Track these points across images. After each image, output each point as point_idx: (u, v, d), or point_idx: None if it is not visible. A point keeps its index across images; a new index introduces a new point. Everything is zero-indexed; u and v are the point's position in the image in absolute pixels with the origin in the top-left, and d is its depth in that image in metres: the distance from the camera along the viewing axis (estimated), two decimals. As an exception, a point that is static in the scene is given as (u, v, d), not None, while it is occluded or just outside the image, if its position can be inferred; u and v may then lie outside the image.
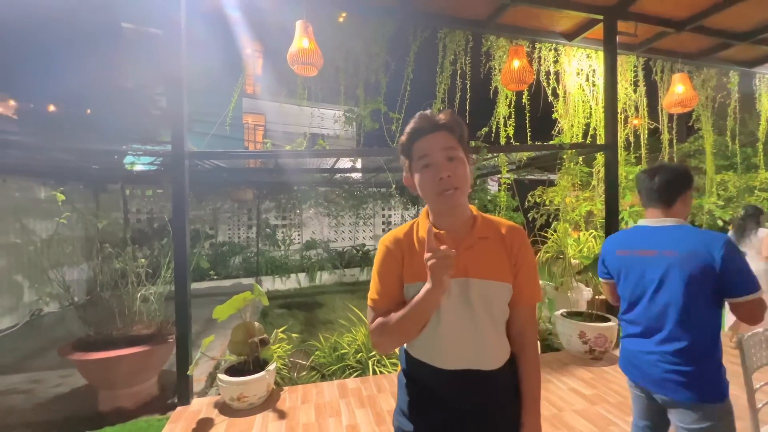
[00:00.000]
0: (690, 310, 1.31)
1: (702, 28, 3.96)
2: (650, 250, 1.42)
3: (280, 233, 8.27)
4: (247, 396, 2.64)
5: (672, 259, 1.34)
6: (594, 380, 3.09)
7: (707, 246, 1.28)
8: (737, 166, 6.72)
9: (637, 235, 1.49)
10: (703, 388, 1.28)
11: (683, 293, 1.31)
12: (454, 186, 0.89)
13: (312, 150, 3.08)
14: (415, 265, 0.94)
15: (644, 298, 1.42)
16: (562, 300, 4.11)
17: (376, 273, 1.00)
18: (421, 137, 0.93)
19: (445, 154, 0.90)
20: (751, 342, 1.63)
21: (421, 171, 0.92)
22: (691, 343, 1.30)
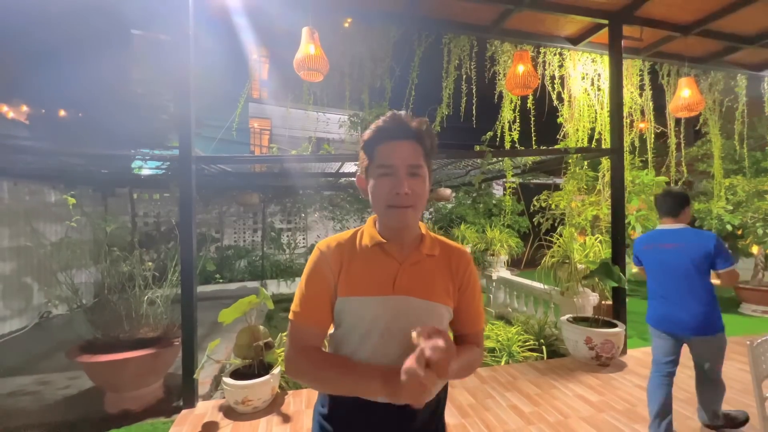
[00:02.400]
0: (695, 279, 2.14)
1: (709, 32, 3.94)
2: (667, 243, 2.25)
3: (285, 237, 8.30)
4: (251, 399, 2.65)
5: (682, 249, 2.18)
6: (601, 387, 3.05)
7: (705, 240, 2.14)
8: (746, 170, 6.64)
9: (657, 235, 2.34)
10: (708, 325, 2.12)
11: (691, 268, 2.14)
12: (409, 204, 0.83)
13: (317, 155, 3.10)
14: (353, 276, 0.86)
15: (665, 274, 2.24)
16: (568, 305, 4.07)
17: (305, 282, 0.88)
18: (387, 141, 0.84)
19: (409, 168, 0.83)
20: (760, 349, 1.61)
21: (379, 178, 0.84)
22: (698, 300, 2.13)
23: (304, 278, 0.89)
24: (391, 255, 0.87)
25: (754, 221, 5.59)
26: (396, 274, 0.86)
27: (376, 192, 0.84)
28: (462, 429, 2.48)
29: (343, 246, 0.89)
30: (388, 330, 0.83)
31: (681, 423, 2.52)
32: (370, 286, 0.85)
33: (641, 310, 6.06)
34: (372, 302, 0.84)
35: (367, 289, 0.84)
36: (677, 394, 2.89)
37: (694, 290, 2.13)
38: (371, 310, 0.84)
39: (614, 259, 3.72)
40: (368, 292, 0.84)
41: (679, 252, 2.17)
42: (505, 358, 3.68)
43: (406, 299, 0.85)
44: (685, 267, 2.15)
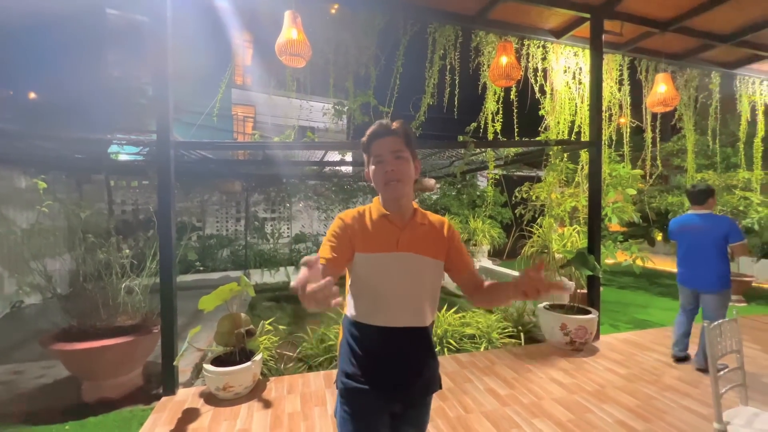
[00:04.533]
0: (711, 251, 2.99)
1: (685, 29, 4.05)
2: (693, 225, 3.12)
3: (269, 226, 8.23)
4: (232, 386, 2.66)
5: (704, 228, 3.04)
6: (573, 370, 3.18)
7: (721, 222, 3.01)
8: (717, 165, 6.92)
9: (687, 218, 3.21)
10: (717, 284, 2.99)
11: (709, 243, 3.00)
12: (396, 178, 1.13)
13: (300, 142, 3.07)
14: (367, 237, 1.14)
15: (690, 247, 3.13)
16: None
17: (333, 236, 1.13)
18: (376, 139, 1.15)
19: (394, 154, 1.13)
20: (716, 331, 1.71)
21: (375, 165, 1.15)
22: (712, 266, 2.99)
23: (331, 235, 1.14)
24: (394, 223, 1.16)
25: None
26: (399, 236, 1.15)
27: (375, 176, 1.15)
28: (441, 411, 2.55)
29: (358, 215, 1.18)
30: (398, 276, 1.13)
31: (644, 402, 2.66)
32: (381, 245, 1.13)
33: (614, 299, 6.32)
34: (381, 257, 1.13)
35: (378, 247, 1.12)
36: (644, 376, 3.04)
37: (709, 259, 3.00)
38: (381, 263, 1.12)
39: (590, 249, 3.85)
40: (377, 250, 1.12)
41: (702, 231, 3.04)
42: (485, 344, 3.79)
43: (407, 254, 1.15)
44: (704, 242, 3.02)
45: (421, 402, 1.21)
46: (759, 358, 3.40)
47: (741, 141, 5.44)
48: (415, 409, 1.19)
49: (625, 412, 2.53)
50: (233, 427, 2.38)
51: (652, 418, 2.45)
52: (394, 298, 1.13)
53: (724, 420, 1.64)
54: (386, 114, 3.79)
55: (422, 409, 1.22)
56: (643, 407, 2.59)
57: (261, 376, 3.13)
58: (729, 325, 1.78)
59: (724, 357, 1.74)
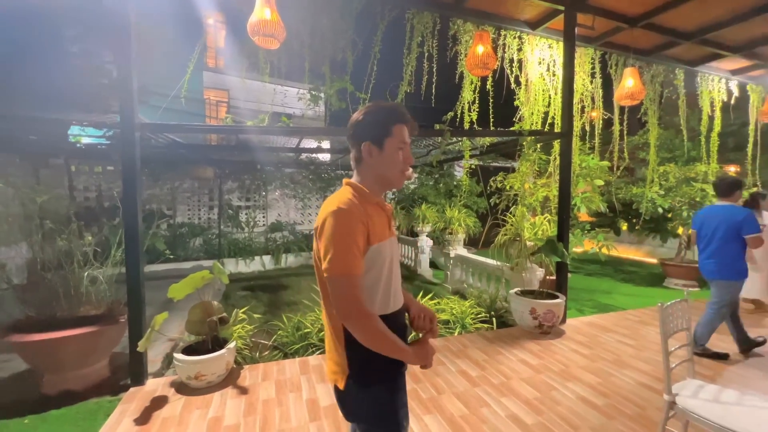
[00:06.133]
0: (726, 241, 3.03)
1: (653, 26, 4.20)
2: (714, 216, 3.13)
3: (244, 215, 8.04)
4: (204, 374, 2.62)
5: (722, 220, 3.06)
6: (541, 352, 3.33)
7: (738, 214, 3.00)
8: (677, 159, 7.31)
9: (710, 210, 3.24)
10: (724, 273, 3.05)
11: (725, 234, 3.03)
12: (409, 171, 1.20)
13: (273, 127, 2.99)
14: (375, 226, 1.09)
15: (708, 237, 3.14)
16: (518, 280, 4.35)
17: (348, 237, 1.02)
18: (401, 123, 1.13)
19: (410, 145, 1.18)
20: (669, 311, 1.83)
21: (397, 151, 1.13)
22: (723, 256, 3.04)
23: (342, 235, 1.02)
24: (383, 208, 1.17)
25: (681, 205, 6.22)
26: (389, 222, 1.18)
27: (393, 160, 1.13)
28: (414, 393, 2.62)
29: (359, 203, 1.08)
30: (396, 260, 1.18)
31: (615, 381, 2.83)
32: (384, 233, 1.13)
33: (581, 285, 6.61)
34: (386, 244, 1.13)
35: (383, 235, 1.12)
36: (605, 356, 3.21)
37: (722, 249, 3.05)
38: (388, 249, 1.13)
39: (559, 237, 4.00)
40: (383, 238, 1.12)
41: (720, 222, 3.07)
42: (459, 329, 3.89)
43: (395, 239, 1.22)
44: (721, 233, 3.05)
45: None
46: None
47: (702, 135, 5.75)
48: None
49: (586, 389, 2.68)
50: (205, 415, 2.35)
51: (611, 394, 2.62)
52: (396, 281, 1.17)
53: (673, 392, 1.78)
54: (363, 100, 3.74)
55: None
56: (603, 384, 2.76)
57: (235, 365, 3.10)
58: (680, 305, 1.91)
59: (675, 334, 1.87)
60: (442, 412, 2.40)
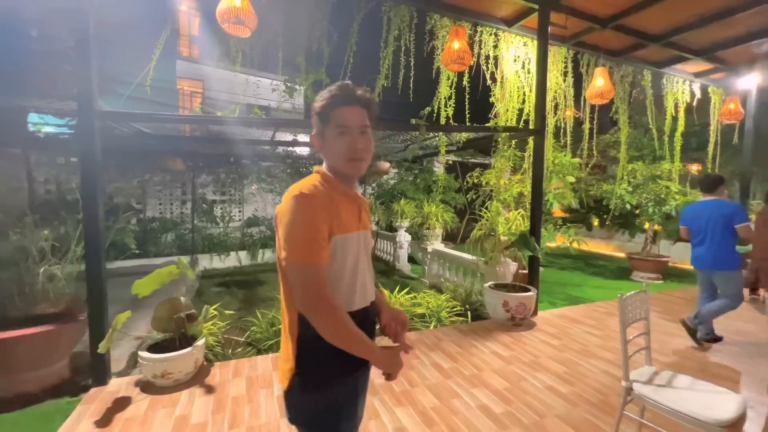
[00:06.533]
0: (719, 234, 3.17)
1: (622, 27, 4.34)
2: (704, 210, 3.28)
3: (219, 209, 7.83)
4: (172, 372, 2.54)
5: (712, 214, 3.21)
6: (512, 343, 3.42)
7: (727, 207, 3.16)
8: (647, 157, 7.61)
9: (698, 205, 3.39)
10: (723, 264, 3.19)
11: (717, 227, 3.17)
12: (362, 157, 1.05)
13: (243, 118, 2.91)
14: (341, 216, 1.01)
15: (701, 231, 3.29)
16: (492, 274, 4.44)
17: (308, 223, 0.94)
18: (341, 106, 1.02)
19: (360, 128, 1.04)
20: (627, 302, 1.91)
21: (337, 137, 1.02)
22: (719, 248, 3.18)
23: (304, 221, 0.95)
24: (352, 198, 1.09)
25: (647, 202, 6.49)
26: (359, 213, 1.10)
27: (336, 148, 1.03)
28: (387, 386, 2.63)
29: (324, 191, 1.01)
30: (365, 254, 1.09)
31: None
32: (351, 224, 1.04)
33: (554, 279, 6.80)
34: (353, 237, 1.04)
35: (350, 226, 1.03)
36: (572, 346, 3.33)
37: (716, 242, 3.19)
38: (354, 242, 1.04)
39: (532, 232, 4.10)
40: (350, 229, 1.04)
41: (710, 216, 3.22)
42: (434, 323, 3.94)
43: (366, 232, 1.11)
44: (712, 226, 3.20)
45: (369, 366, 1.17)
46: (668, 327, 3.87)
47: (666, 135, 6.00)
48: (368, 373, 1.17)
49: (554, 378, 2.77)
50: (172, 413, 2.29)
51: (576, 382, 2.71)
52: (363, 277, 1.09)
53: (630, 379, 1.86)
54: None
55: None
56: (569, 373, 2.86)
57: (206, 362, 3.03)
58: (638, 296, 1.99)
59: (633, 323, 1.95)
60: (415, 404, 2.42)
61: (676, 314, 4.30)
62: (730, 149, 6.75)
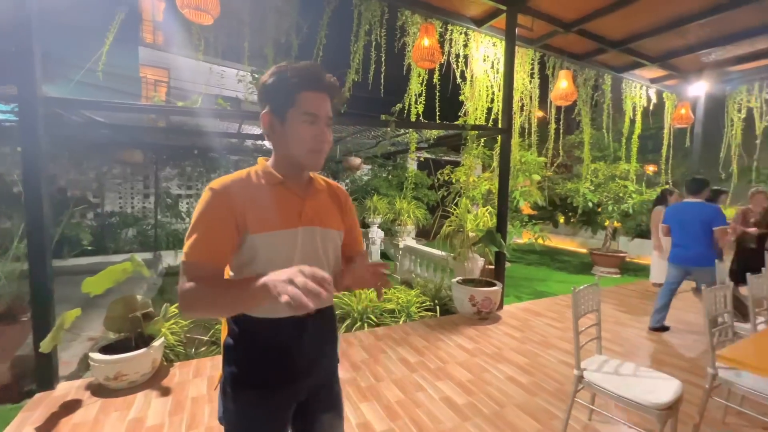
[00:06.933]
0: (700, 234, 3.36)
1: (584, 32, 4.51)
2: (687, 211, 3.48)
3: (185, 204, 7.53)
4: (126, 374, 2.43)
5: (694, 215, 3.41)
6: (478, 336, 3.51)
7: (708, 210, 3.36)
8: (607, 157, 8.00)
9: (682, 206, 3.57)
10: (704, 261, 3.33)
11: (698, 227, 3.37)
12: (325, 150, 0.96)
13: (207, 109, 2.79)
14: (262, 212, 0.91)
15: (683, 230, 3.49)
16: (460, 269, 4.54)
17: (198, 221, 0.86)
18: (310, 90, 0.91)
19: (328, 119, 0.95)
20: (580, 294, 2.00)
21: (302, 124, 0.91)
22: (700, 246, 3.36)
23: (197, 219, 0.87)
24: (293, 191, 0.97)
25: (607, 200, 6.84)
26: (301, 208, 0.96)
27: (299, 136, 0.91)
28: (353, 382, 2.64)
29: (243, 185, 0.92)
30: (302, 257, 0.93)
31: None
32: (281, 221, 0.92)
33: (521, 274, 7.02)
34: (285, 235, 0.92)
35: (278, 223, 0.92)
36: (534, 338, 3.46)
37: (698, 240, 3.39)
38: (286, 242, 0.92)
39: (498, 228, 4.21)
40: (280, 227, 0.92)
41: (693, 217, 3.43)
42: (404, 317, 3.98)
43: (312, 229, 0.97)
44: (694, 226, 3.40)
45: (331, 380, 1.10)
46: (621, 318, 4.10)
47: (624, 137, 6.33)
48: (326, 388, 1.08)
49: (515, 369, 2.87)
50: (125, 417, 2.18)
51: (535, 372, 2.83)
52: None
53: (582, 367, 1.95)
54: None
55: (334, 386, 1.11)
56: (530, 364, 2.97)
57: (166, 362, 2.91)
58: (590, 289, 2.09)
59: (585, 315, 2.05)
60: (379, 399, 2.44)
61: (630, 306, 4.57)
62: (681, 152, 7.22)
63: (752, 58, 5.19)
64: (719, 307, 2.13)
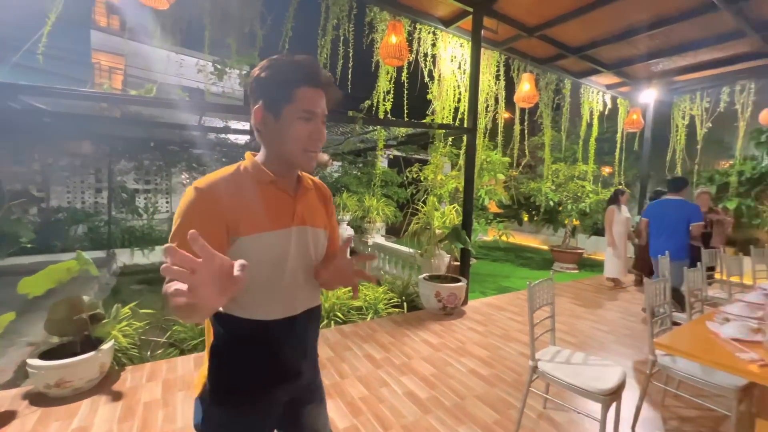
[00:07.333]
0: (677, 229, 3.61)
1: (546, 37, 4.70)
2: (667, 208, 3.73)
3: (143, 199, 7.12)
4: (70, 381, 2.26)
5: (673, 211, 3.65)
6: (443, 331, 3.58)
7: (687, 207, 3.62)
8: (568, 158, 8.41)
9: (663, 202, 3.81)
10: (676, 255, 3.51)
11: (676, 223, 3.61)
12: (319, 150, 0.93)
13: (162, 99, 2.64)
14: (253, 213, 0.87)
15: (661, 225, 3.73)
16: (427, 266, 4.61)
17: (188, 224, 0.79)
18: (309, 86, 0.87)
19: (324, 116, 0.92)
20: (535, 289, 2.09)
21: (298, 121, 0.87)
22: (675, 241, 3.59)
23: (181, 219, 0.82)
24: (284, 190, 0.94)
25: (567, 199, 7.19)
26: (293, 208, 0.94)
27: (293, 134, 0.88)
28: (317, 380, 2.61)
29: (231, 184, 0.87)
30: (294, 258, 0.93)
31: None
32: (274, 221, 0.90)
33: (487, 270, 7.24)
34: (278, 235, 0.90)
35: (270, 224, 0.89)
36: (496, 331, 3.58)
37: (674, 235, 3.62)
38: (279, 242, 0.90)
39: (463, 225, 4.31)
40: (272, 227, 0.89)
41: (671, 213, 3.66)
42: (371, 314, 3.98)
43: (304, 229, 0.96)
44: (673, 222, 3.63)
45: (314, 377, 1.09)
46: (577, 311, 4.33)
47: (581, 139, 6.67)
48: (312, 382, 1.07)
49: (477, 362, 2.96)
50: (67, 426, 2.04)
51: (496, 364, 2.93)
52: (292, 283, 0.93)
53: (536, 358, 2.04)
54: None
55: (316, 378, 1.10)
56: (491, 356, 3.07)
57: (117, 366, 2.75)
58: (545, 284, 2.19)
59: (541, 308, 2.14)
60: (343, 396, 2.43)
61: (585, 300, 4.83)
62: (633, 154, 7.71)
63: (695, 69, 5.62)
64: (659, 298, 2.30)
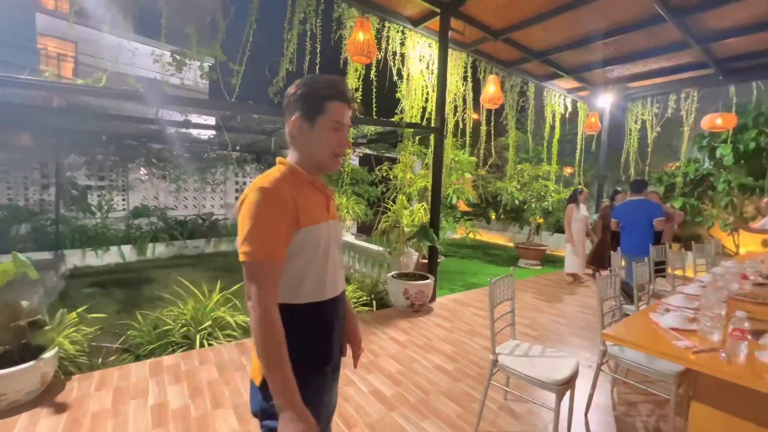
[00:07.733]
0: (642, 227, 3.96)
1: (511, 41, 4.85)
2: (632, 207, 4.09)
3: (96, 196, 6.67)
4: (5, 393, 2.08)
5: (638, 211, 4.02)
6: (410, 329, 3.62)
7: (651, 206, 4.03)
8: (533, 159, 8.74)
9: (629, 203, 4.17)
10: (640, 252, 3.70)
11: (641, 222, 3.97)
12: (343, 154, 1.14)
13: (113, 89, 2.48)
14: (308, 207, 1.02)
15: (629, 224, 4.07)
16: (396, 264, 4.63)
17: (265, 222, 0.93)
18: (340, 101, 1.05)
19: (348, 127, 1.10)
20: (496, 285, 2.15)
21: (329, 130, 1.04)
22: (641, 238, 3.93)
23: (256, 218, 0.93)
24: (319, 189, 1.10)
25: (531, 198, 7.47)
26: (327, 204, 1.13)
27: (324, 140, 1.05)
28: (281, 382, 2.55)
29: (289, 183, 1.00)
30: (334, 245, 1.11)
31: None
32: (319, 215, 1.05)
33: (456, 268, 7.37)
34: (323, 227, 1.06)
35: (318, 217, 1.04)
36: (462, 327, 3.65)
37: (640, 234, 3.94)
38: (324, 233, 1.05)
39: (431, 224, 4.37)
40: (319, 220, 1.04)
41: (637, 213, 4.00)
42: (339, 314, 3.95)
43: (335, 222, 1.16)
44: (639, 221, 3.97)
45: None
46: (538, 305, 4.52)
47: (545, 140, 6.95)
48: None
49: (443, 358, 3.01)
50: (2, 443, 1.88)
51: (461, 359, 2.99)
52: (334, 267, 1.10)
53: (497, 351, 2.10)
54: (237, 73, 3.41)
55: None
56: (457, 352, 3.14)
57: (63, 375, 2.56)
58: (506, 280, 2.26)
59: (502, 303, 2.21)
60: (308, 396, 2.39)
61: (547, 294, 5.05)
62: (591, 156, 8.13)
63: (646, 76, 6.01)
64: (609, 291, 2.44)
